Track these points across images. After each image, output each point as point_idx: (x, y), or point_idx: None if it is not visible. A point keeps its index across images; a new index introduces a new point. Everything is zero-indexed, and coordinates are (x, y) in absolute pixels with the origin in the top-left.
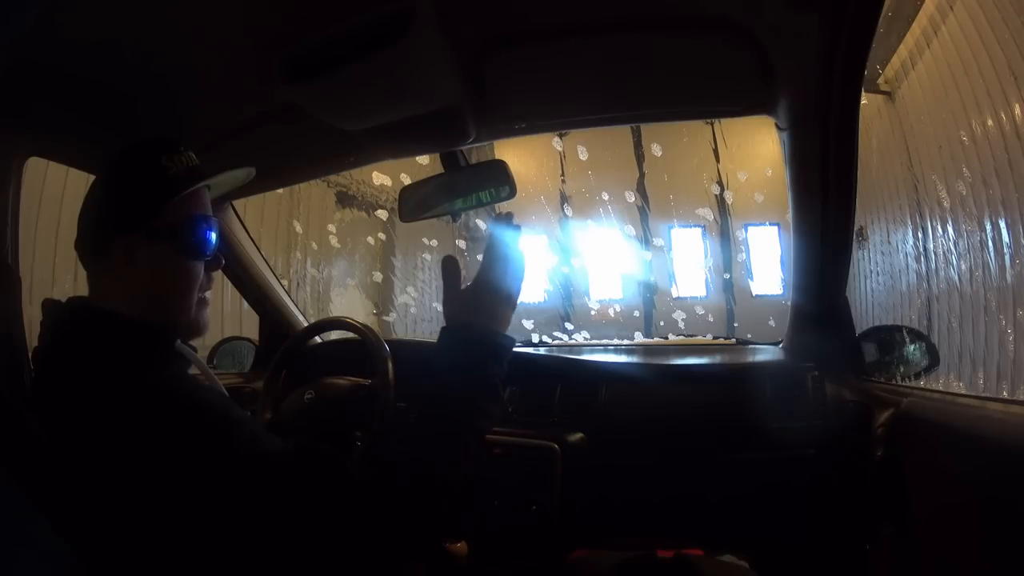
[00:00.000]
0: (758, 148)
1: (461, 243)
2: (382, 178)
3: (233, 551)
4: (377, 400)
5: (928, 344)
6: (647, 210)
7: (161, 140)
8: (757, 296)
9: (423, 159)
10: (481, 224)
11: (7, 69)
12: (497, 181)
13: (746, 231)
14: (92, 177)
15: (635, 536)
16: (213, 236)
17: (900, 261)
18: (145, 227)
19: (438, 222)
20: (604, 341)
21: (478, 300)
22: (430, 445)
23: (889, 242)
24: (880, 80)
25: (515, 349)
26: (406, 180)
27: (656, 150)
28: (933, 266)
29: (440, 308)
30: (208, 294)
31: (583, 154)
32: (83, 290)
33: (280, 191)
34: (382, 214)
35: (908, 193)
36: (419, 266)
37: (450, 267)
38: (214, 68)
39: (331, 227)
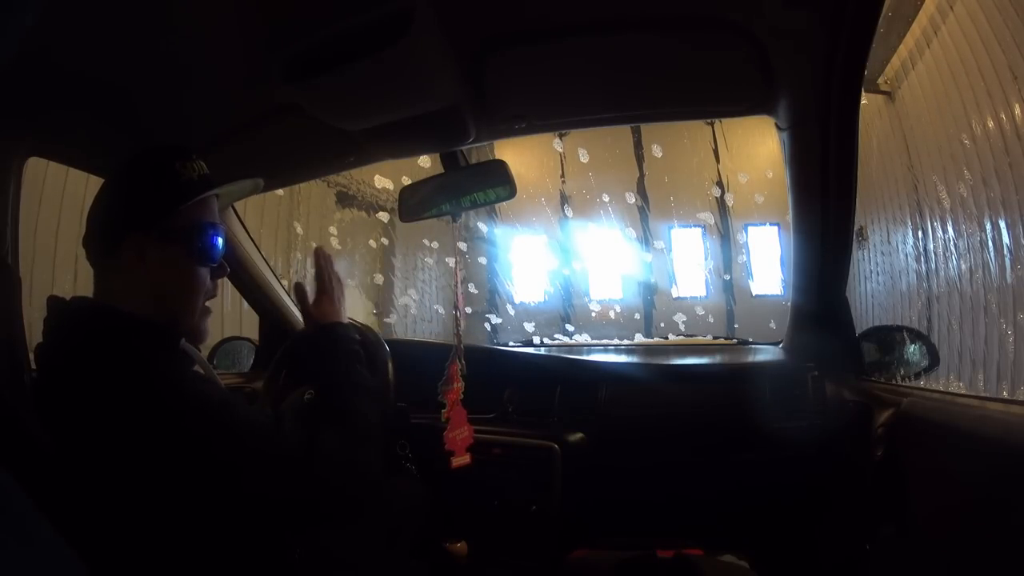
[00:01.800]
0: (758, 149)
1: (462, 245)
2: (384, 182)
3: (229, 543)
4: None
5: (928, 344)
6: (647, 210)
7: (175, 147)
8: (757, 296)
9: (425, 161)
10: (482, 225)
11: (7, 69)
12: (497, 181)
13: (746, 231)
14: (92, 177)
15: (635, 536)
16: (221, 243)
17: (900, 261)
18: (157, 227)
19: (438, 224)
20: (604, 341)
21: (321, 307)
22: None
23: (889, 242)
24: (880, 80)
25: (516, 349)
26: (407, 183)
27: (656, 151)
28: (933, 266)
29: (440, 309)
30: (210, 304)
31: (584, 157)
32: (83, 290)
33: (280, 191)
34: (383, 216)
35: (908, 193)
36: (419, 267)
37: (300, 291)
38: (214, 68)
39: (332, 229)
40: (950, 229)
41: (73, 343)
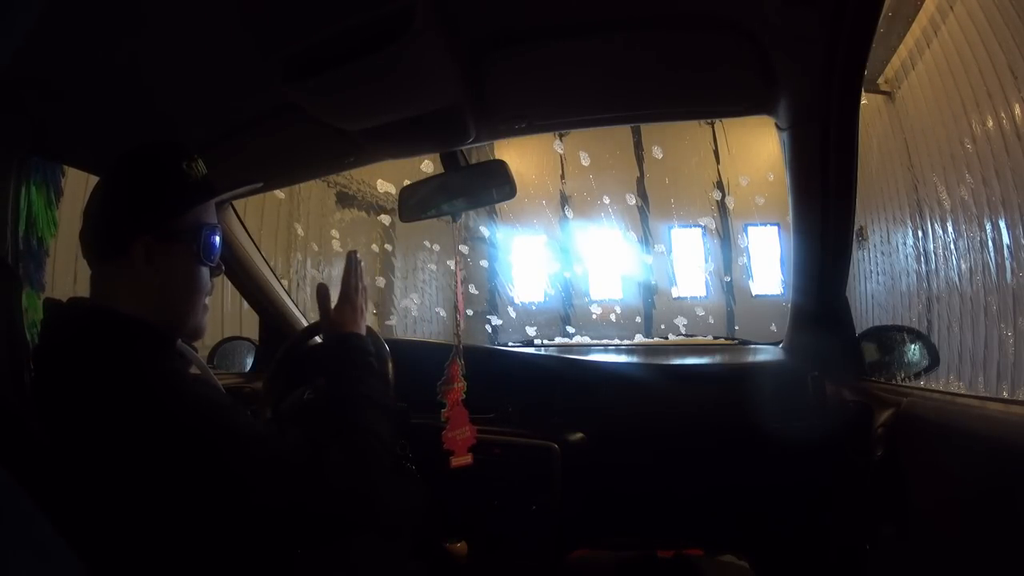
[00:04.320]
0: (759, 149)
1: (464, 248)
2: (387, 186)
3: (229, 545)
4: None
5: (928, 344)
6: (647, 211)
7: (178, 146)
8: (757, 296)
9: (427, 166)
10: (482, 227)
11: (8, 69)
12: (497, 181)
13: (746, 232)
14: (91, 177)
15: (635, 536)
16: (218, 243)
17: (900, 261)
18: (163, 229)
19: (439, 226)
20: (604, 341)
21: (342, 315)
22: (349, 421)
23: (889, 242)
24: (880, 80)
25: (516, 350)
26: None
27: (656, 152)
28: (933, 267)
29: (441, 312)
30: (208, 300)
31: (584, 158)
32: (82, 290)
33: (280, 192)
34: (384, 219)
35: (908, 193)
36: (419, 268)
37: (322, 293)
38: (214, 69)
39: (334, 232)
40: (950, 229)
41: (67, 344)
